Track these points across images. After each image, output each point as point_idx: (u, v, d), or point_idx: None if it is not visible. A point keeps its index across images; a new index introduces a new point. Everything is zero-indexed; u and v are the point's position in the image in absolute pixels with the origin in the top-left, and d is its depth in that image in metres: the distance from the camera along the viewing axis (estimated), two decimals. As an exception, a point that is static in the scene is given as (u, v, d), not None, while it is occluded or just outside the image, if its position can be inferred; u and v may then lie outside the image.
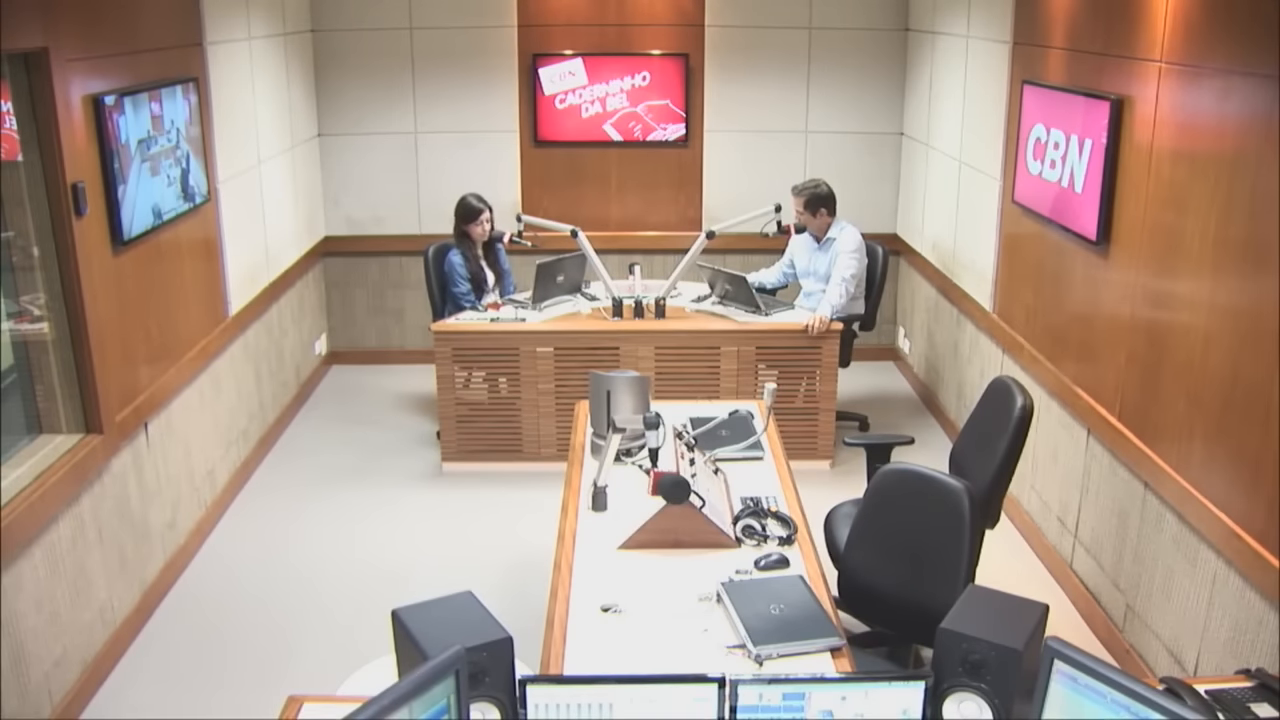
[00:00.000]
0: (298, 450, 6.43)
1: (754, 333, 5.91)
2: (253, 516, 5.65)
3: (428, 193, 7.54)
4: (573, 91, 7.39)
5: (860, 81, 7.44)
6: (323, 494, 5.87)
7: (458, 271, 6.25)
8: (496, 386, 6.04)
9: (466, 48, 7.32)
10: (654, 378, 5.86)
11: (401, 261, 7.63)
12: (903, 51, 7.40)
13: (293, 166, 6.95)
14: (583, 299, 6.33)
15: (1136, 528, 4.25)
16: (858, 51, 7.39)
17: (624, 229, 7.67)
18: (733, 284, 6.13)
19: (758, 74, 7.40)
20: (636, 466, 4.08)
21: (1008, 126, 5.62)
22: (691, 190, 7.63)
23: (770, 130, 7.50)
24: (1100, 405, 4.55)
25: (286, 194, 6.84)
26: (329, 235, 7.62)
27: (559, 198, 7.60)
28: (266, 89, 6.47)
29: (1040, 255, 5.22)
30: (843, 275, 6.08)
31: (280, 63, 6.71)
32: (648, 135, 7.47)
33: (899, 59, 7.41)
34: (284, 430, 6.67)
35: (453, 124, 7.44)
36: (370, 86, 7.37)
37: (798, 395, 6.02)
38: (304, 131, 7.19)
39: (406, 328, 7.79)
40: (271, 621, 4.71)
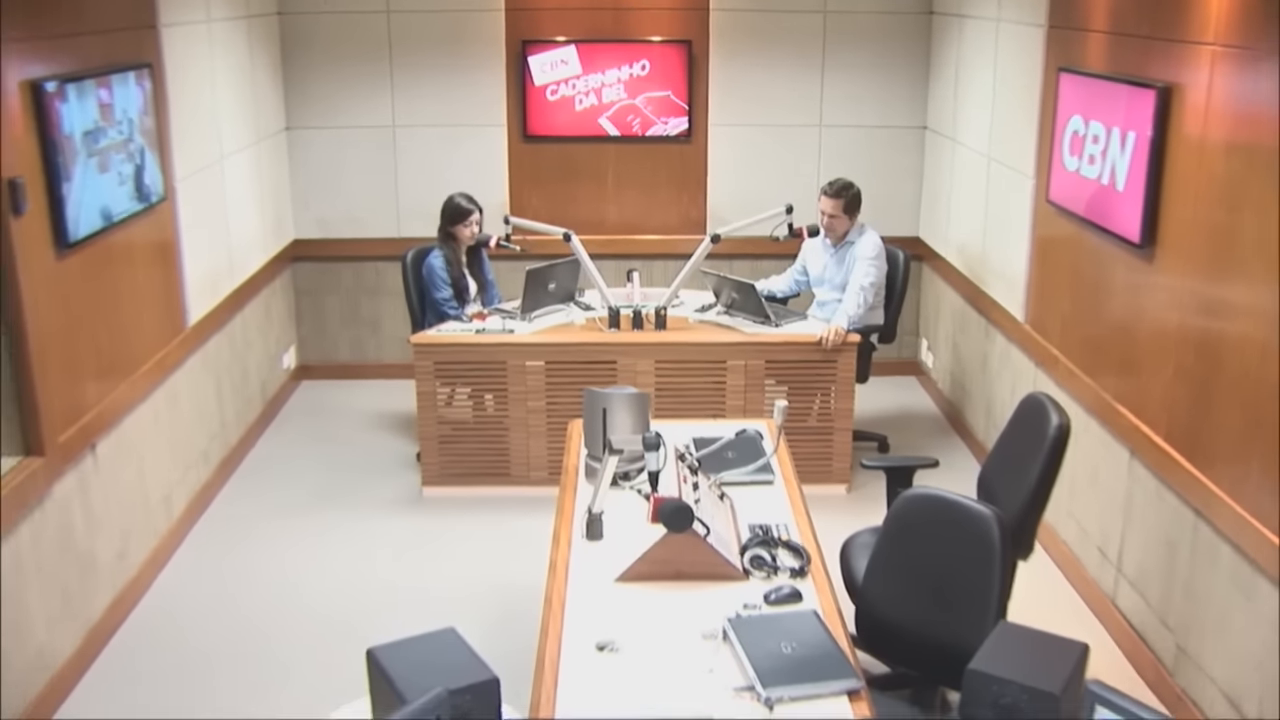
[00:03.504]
0: (263, 473, 6.42)
1: (763, 345, 5.92)
2: (213, 546, 5.64)
3: (407, 192, 7.54)
4: (565, 82, 7.38)
5: (880, 70, 7.43)
6: (291, 522, 5.86)
7: (438, 274, 6.26)
8: (482, 404, 6.04)
9: (449, 33, 7.32)
10: (654, 394, 5.86)
11: (378, 267, 7.62)
12: (926, 37, 7.40)
13: (258, 163, 6.94)
14: (576, 308, 6.34)
15: (1187, 559, 4.23)
16: (877, 37, 7.39)
17: (621, 232, 7.68)
18: (740, 292, 6.14)
19: (768, 62, 7.40)
20: (635, 491, 4.09)
21: (1042, 119, 5.61)
22: (695, 190, 7.63)
23: (781, 124, 7.50)
24: (1145, 424, 4.55)
25: (251, 193, 6.83)
26: (298, 238, 7.61)
27: (550, 198, 7.60)
28: (229, 77, 6.46)
29: (1077, 260, 5.22)
30: (860, 283, 6.10)
31: (243, 48, 6.71)
32: (647, 130, 7.47)
33: (922, 45, 7.42)
34: (248, 451, 6.66)
35: (434, 117, 7.44)
36: (343, 75, 7.36)
37: (811, 413, 6.03)
38: (270, 124, 7.19)
39: (383, 339, 7.79)
40: (233, 664, 4.67)
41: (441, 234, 6.33)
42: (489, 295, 6.52)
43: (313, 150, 7.49)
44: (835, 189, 6.24)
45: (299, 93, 7.40)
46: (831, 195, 6.23)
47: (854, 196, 6.25)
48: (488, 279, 6.54)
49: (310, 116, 7.43)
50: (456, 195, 6.33)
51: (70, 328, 4.56)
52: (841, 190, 6.23)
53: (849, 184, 6.27)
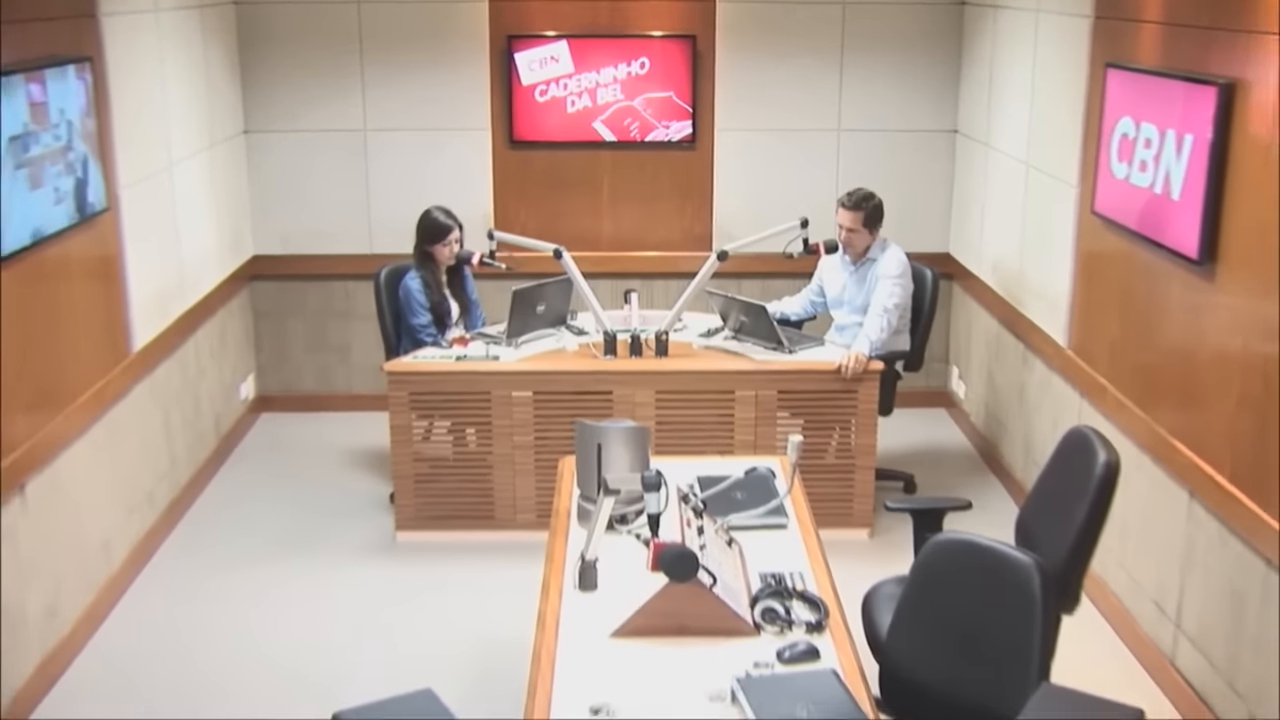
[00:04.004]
0: (217, 517, 6.42)
1: (775, 374, 5.93)
2: (159, 599, 5.61)
3: (380, 204, 7.55)
4: (556, 81, 7.40)
5: (905, 68, 7.45)
6: (248, 571, 5.85)
7: (415, 298, 6.28)
8: (463, 439, 6.05)
9: (427, 26, 7.33)
10: (654, 428, 5.86)
11: (347, 287, 7.63)
12: (957, 30, 7.42)
13: (213, 169, 6.94)
14: (568, 333, 6.36)
15: (1257, 614, 4.19)
16: (902, 31, 7.41)
17: (618, 248, 7.70)
18: (749, 315, 6.14)
19: (780, 60, 7.42)
20: (633, 536, 4.10)
21: (1087, 120, 5.62)
22: (699, 201, 7.65)
23: (795, 129, 7.52)
24: (1205, 462, 4.53)
25: (205, 203, 6.83)
26: (258, 254, 7.62)
27: (539, 210, 7.61)
28: (179, 73, 6.46)
29: (1127, 277, 5.21)
30: (884, 304, 6.11)
31: (196, 41, 6.71)
32: (646, 135, 7.49)
33: (953, 39, 7.44)
34: (200, 492, 6.65)
35: (410, 120, 7.45)
36: (309, 72, 7.37)
37: (829, 450, 6.04)
38: (227, 127, 7.19)
39: (353, 367, 7.80)
40: (177, 730, 4.65)
41: (418, 253, 6.35)
42: (472, 318, 6.54)
43: (274, 156, 7.49)
44: (854, 200, 6.24)
45: (259, 92, 7.40)
46: (850, 207, 6.24)
47: (875, 209, 6.25)
48: (471, 300, 6.56)
49: (271, 119, 7.44)
50: (434, 210, 6.34)
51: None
52: (861, 202, 6.23)
53: (870, 195, 6.27)
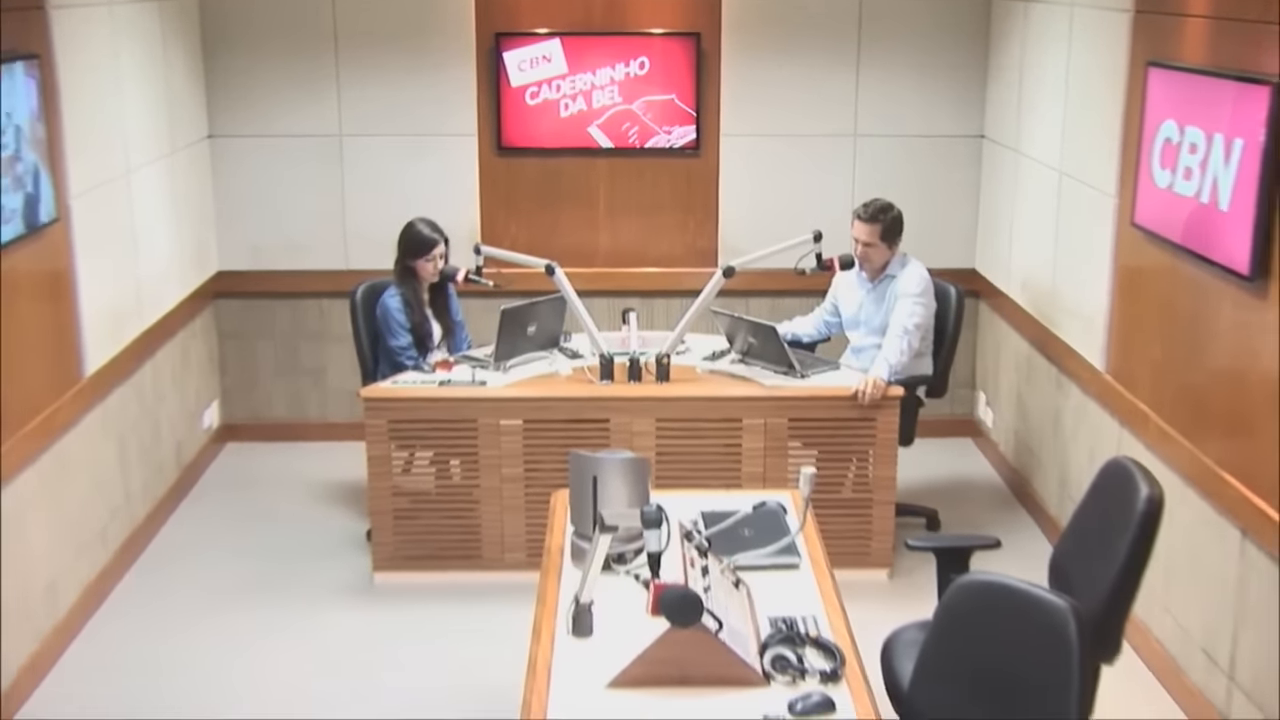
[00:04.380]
0: (178, 557, 6.40)
1: (786, 401, 5.95)
2: (112, 648, 5.58)
3: (357, 215, 7.56)
4: (548, 83, 7.41)
5: (928, 68, 7.47)
6: (211, 617, 5.84)
7: (394, 318, 6.28)
8: (447, 471, 6.07)
9: (408, 23, 7.35)
10: (655, 459, 5.86)
11: (321, 306, 7.65)
12: (984, 27, 7.44)
13: (173, 177, 6.94)
14: (561, 356, 6.37)
15: (1314, 663, 4.17)
16: (924, 27, 7.43)
17: (616, 264, 7.71)
18: (758, 336, 6.13)
19: (792, 59, 7.43)
20: (632, 577, 4.10)
21: (1126, 124, 5.62)
22: (704, 213, 7.67)
23: (808, 134, 7.54)
24: (1258, 496, 4.51)
25: (165, 214, 6.83)
26: (224, 270, 7.63)
27: (530, 223, 7.64)
28: (137, 72, 6.47)
29: (1171, 295, 5.21)
30: (904, 324, 6.12)
31: (155, 37, 6.70)
32: (646, 141, 7.50)
33: (979, 37, 7.46)
34: (158, 530, 6.63)
35: (390, 124, 7.47)
36: (279, 72, 7.39)
37: (845, 483, 6.04)
38: (190, 131, 7.20)
39: (327, 393, 7.81)
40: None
41: (399, 269, 6.36)
42: (456, 340, 6.54)
43: (241, 164, 7.50)
44: (871, 212, 6.25)
45: (225, 93, 7.41)
46: (867, 219, 6.25)
47: (894, 221, 6.26)
48: (455, 320, 6.56)
49: (238, 122, 7.44)
50: (418, 222, 6.35)
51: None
52: (879, 213, 6.24)
53: (888, 206, 6.28)
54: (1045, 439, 6.64)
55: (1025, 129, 6.90)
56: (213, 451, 7.54)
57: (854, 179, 7.52)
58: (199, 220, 7.31)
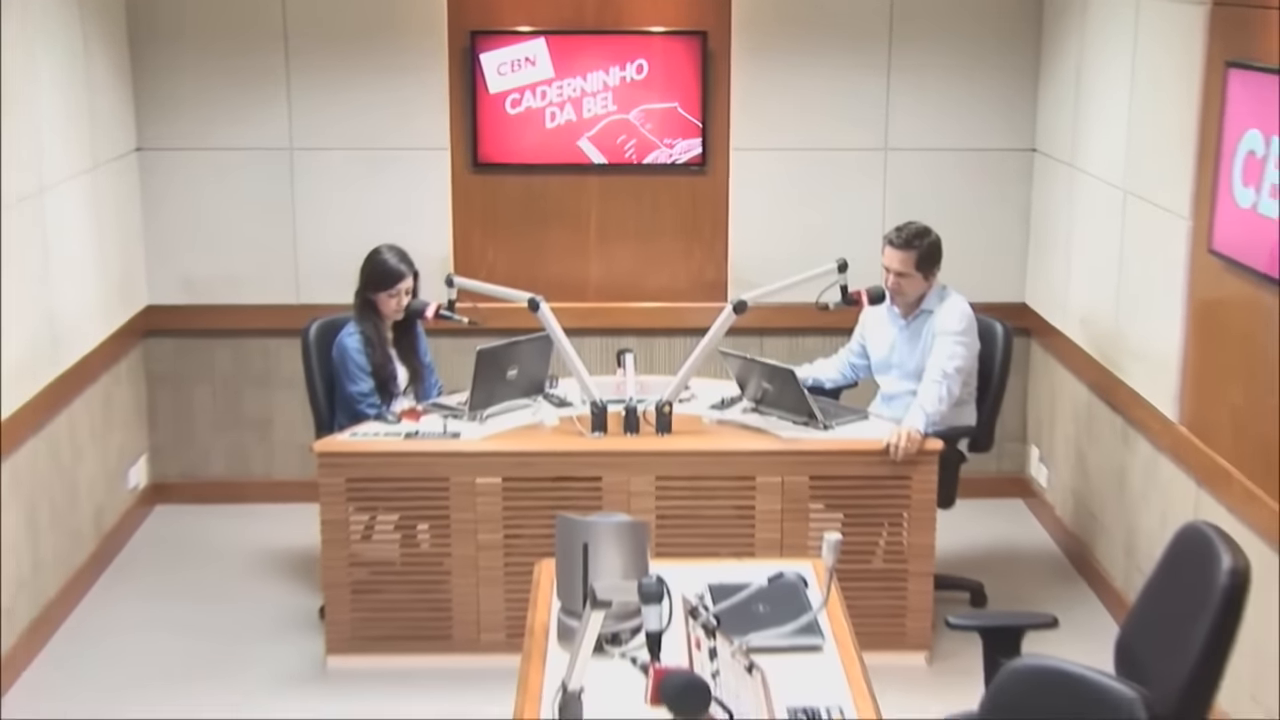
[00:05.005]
0: (97, 639, 6.37)
1: (807, 455, 5.95)
2: None
3: (309, 241, 7.58)
4: (532, 89, 7.43)
5: (970, 71, 7.51)
6: (136, 708, 5.78)
7: (352, 360, 6.27)
8: (414, 538, 6.09)
9: (369, 19, 7.37)
10: (655, 524, 5.85)
11: (268, 346, 7.66)
12: (1035, 24, 7.47)
13: (96, 197, 6.93)
14: (546, 404, 6.39)
15: None
16: (966, 25, 7.46)
17: (609, 298, 7.74)
18: (774, 381, 6.12)
19: (813, 61, 7.46)
20: (628, 661, 4.10)
21: (1202, 135, 5.62)
22: (711, 239, 7.70)
23: (831, 148, 7.57)
24: None
25: (86, 239, 6.83)
26: (154, 305, 7.63)
27: (511, 250, 7.67)
28: (53, 75, 6.47)
29: (1254, 332, 5.21)
30: (943, 367, 6.12)
31: (75, 34, 6.70)
32: (645, 156, 7.53)
33: (1029, 36, 7.49)
34: (74, 607, 6.61)
35: (349, 137, 7.50)
36: (219, 75, 7.39)
37: (875, 551, 6.06)
38: (114, 143, 7.20)
39: (275, 447, 7.82)
40: None
41: (359, 303, 6.35)
42: (425, 385, 6.55)
43: (175, 181, 7.50)
44: (905, 237, 6.26)
45: (157, 100, 7.41)
46: (900, 246, 6.25)
47: (931, 248, 6.27)
48: (423, 363, 6.58)
49: (172, 133, 7.45)
50: (384, 250, 6.35)
51: None
52: (914, 239, 6.24)
53: (924, 230, 6.29)
54: (1109, 500, 6.62)
55: (1083, 141, 6.90)
56: (139, 516, 7.51)
57: (885, 200, 7.54)
58: (125, 246, 7.29)
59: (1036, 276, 7.58)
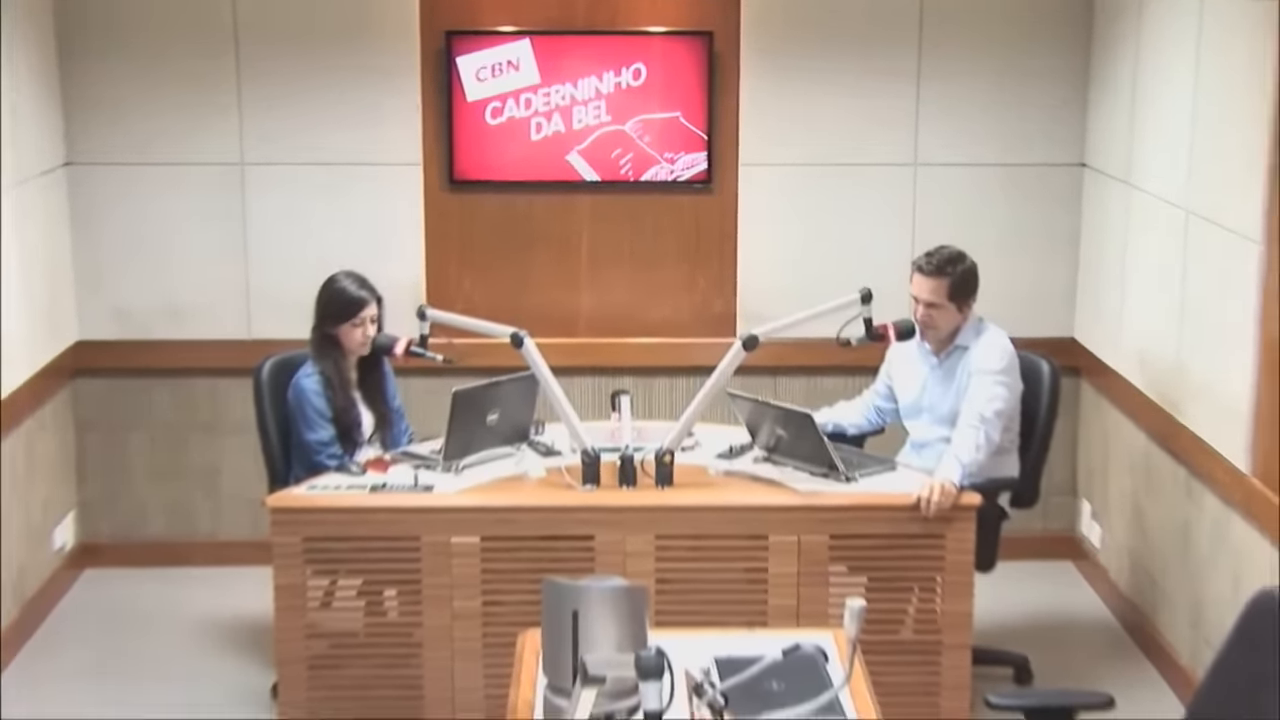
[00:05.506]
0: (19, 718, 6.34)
1: (827, 511, 5.94)
2: None
3: (263, 268, 7.61)
4: (515, 97, 7.45)
5: (1011, 76, 7.55)
6: None
7: (311, 403, 6.27)
8: (380, 605, 6.12)
9: (333, 18, 7.41)
10: (654, 589, 5.81)
11: (216, 387, 7.68)
12: (1085, 22, 7.50)
13: (17, 217, 6.93)
14: (531, 453, 6.40)
15: None
16: (1006, 25, 7.50)
17: (603, 332, 7.77)
18: (789, 427, 6.11)
19: (833, 65, 7.51)
20: None
21: (1275, 148, 5.61)
22: (718, 266, 7.75)
23: (853, 163, 7.61)
24: None
25: (8, 265, 6.82)
26: (85, 340, 7.64)
27: (491, 279, 7.71)
28: None
29: None
30: (981, 411, 6.10)
31: None
32: (643, 172, 7.57)
33: (1078, 38, 7.53)
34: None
35: (307, 150, 7.53)
36: (161, 81, 7.42)
37: (904, 620, 6.07)
38: (39, 156, 7.24)
39: (222, 502, 7.83)
40: None
41: (318, 338, 6.35)
42: (393, 432, 6.58)
43: (110, 199, 7.52)
44: (937, 263, 6.26)
45: (87, 109, 7.44)
46: (931, 273, 6.25)
47: (966, 275, 6.27)
48: (392, 406, 6.60)
49: (106, 146, 7.47)
50: (342, 277, 6.36)
51: None
52: (946, 265, 6.24)
53: (958, 256, 6.29)
54: (1171, 562, 6.61)
55: (1140, 154, 6.91)
56: (66, 580, 7.50)
57: (914, 222, 7.56)
58: (51, 273, 7.32)
59: (1087, 308, 7.59)
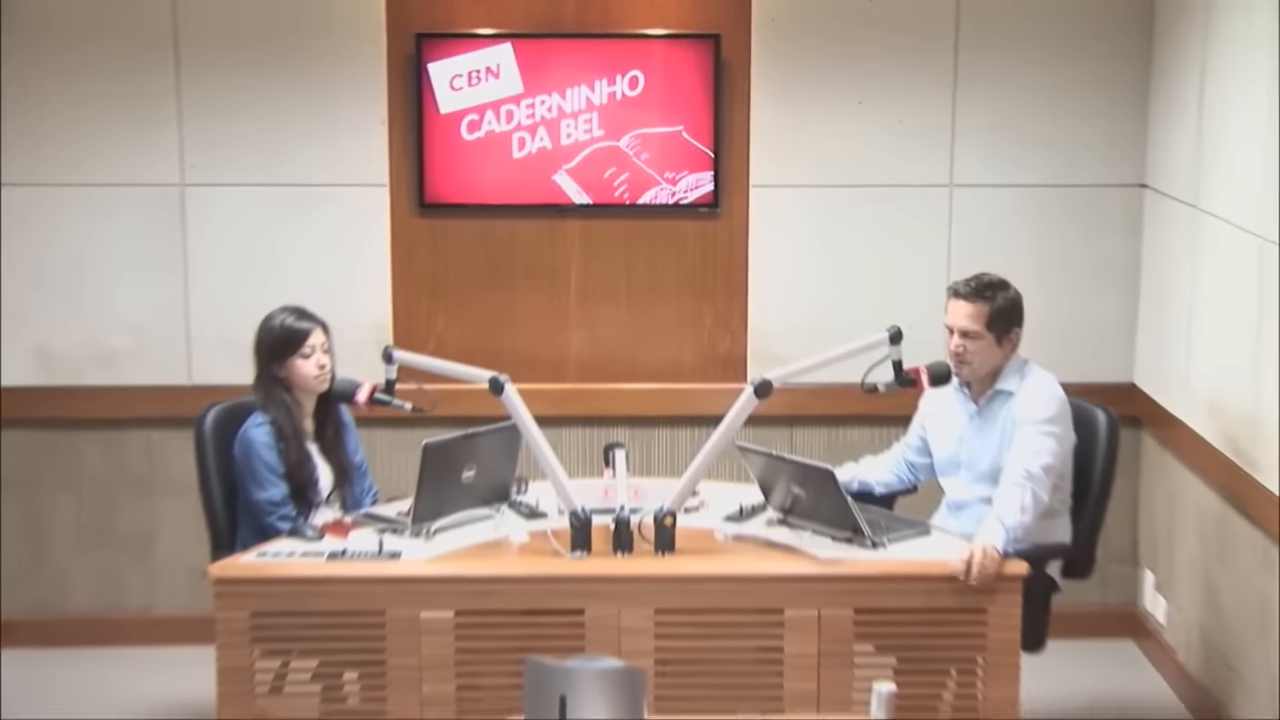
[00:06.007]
0: None
1: (851, 582, 5.90)
2: None
3: (206, 303, 7.64)
4: (494, 108, 7.50)
5: (1062, 87, 7.58)
6: None
7: (260, 458, 6.25)
8: (339, 690, 6.05)
9: (284, 21, 7.46)
10: (654, 671, 5.80)
11: (151, 439, 7.71)
12: (1145, 30, 7.54)
13: None
14: (513, 514, 6.38)
15: None
16: (1055, 30, 7.52)
17: (595, 377, 7.82)
18: (808, 486, 6.09)
19: (857, 72, 7.55)
20: None
21: None
22: (726, 301, 7.79)
23: (881, 183, 7.66)
24: None
25: None
26: (3, 387, 7.65)
27: (467, 316, 7.77)
28: None
29: None
30: (1027, 467, 6.06)
31: None
32: (641, 194, 7.60)
33: (1137, 39, 7.57)
34: None
35: (256, 169, 7.59)
36: (92, 91, 7.46)
37: (941, 705, 6.00)
38: None
39: (158, 572, 7.84)
40: None
41: (264, 383, 6.33)
42: (355, 491, 6.59)
43: (31, 226, 7.56)
44: (976, 286, 6.23)
45: (12, 125, 7.44)
46: (969, 297, 6.22)
47: (1009, 305, 6.23)
48: (353, 462, 6.60)
49: (26, 167, 7.51)
50: (275, 314, 6.35)
51: None
52: (987, 289, 6.22)
53: (1001, 282, 6.26)
54: (1248, 641, 6.57)
55: (1209, 174, 6.90)
56: (-21, 663, 7.52)
57: (950, 250, 7.58)
58: (-32, 311, 7.33)
59: (1149, 349, 7.58)
